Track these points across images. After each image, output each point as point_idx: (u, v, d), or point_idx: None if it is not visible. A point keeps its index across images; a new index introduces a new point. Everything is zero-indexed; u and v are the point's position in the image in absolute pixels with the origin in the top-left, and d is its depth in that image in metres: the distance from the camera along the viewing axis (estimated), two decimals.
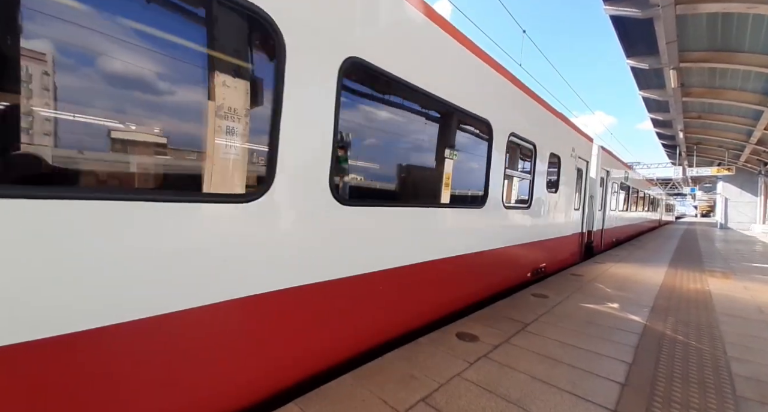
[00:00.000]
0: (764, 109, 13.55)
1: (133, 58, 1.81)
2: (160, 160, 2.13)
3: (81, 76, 1.74)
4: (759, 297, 5.59)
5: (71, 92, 1.73)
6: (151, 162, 2.11)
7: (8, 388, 1.37)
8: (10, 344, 1.35)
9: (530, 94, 5.26)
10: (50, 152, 1.71)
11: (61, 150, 1.78)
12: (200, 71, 1.99)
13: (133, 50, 1.81)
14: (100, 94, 1.80)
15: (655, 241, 15.09)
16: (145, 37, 1.83)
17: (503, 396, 2.45)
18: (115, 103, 1.88)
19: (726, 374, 2.93)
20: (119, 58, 1.78)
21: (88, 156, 1.89)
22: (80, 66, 1.74)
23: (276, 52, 2.07)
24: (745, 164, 25.62)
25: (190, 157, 2.19)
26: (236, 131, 1.99)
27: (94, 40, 1.69)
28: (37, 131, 1.71)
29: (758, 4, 8.07)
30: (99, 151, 1.90)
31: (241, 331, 2.09)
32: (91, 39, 1.68)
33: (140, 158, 2.03)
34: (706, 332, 3.89)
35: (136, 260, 1.63)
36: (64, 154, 1.83)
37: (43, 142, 1.71)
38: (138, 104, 1.97)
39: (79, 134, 1.81)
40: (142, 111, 1.99)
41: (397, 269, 3.10)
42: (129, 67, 1.82)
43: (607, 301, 4.98)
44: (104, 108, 1.83)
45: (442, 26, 3.30)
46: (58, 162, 1.77)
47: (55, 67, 1.61)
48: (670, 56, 10.52)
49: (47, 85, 1.62)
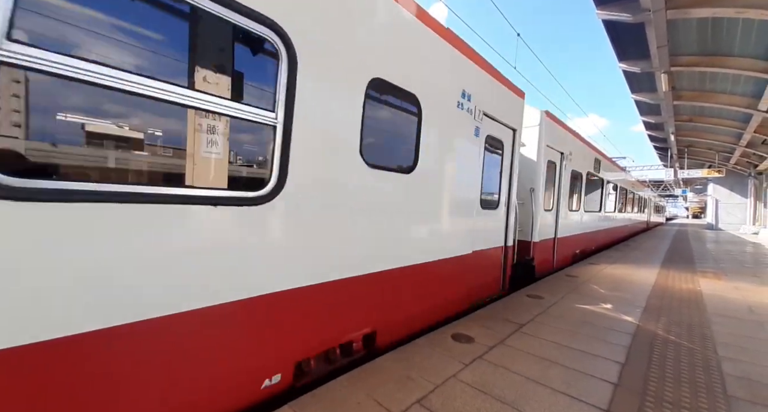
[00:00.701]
0: (753, 113, 13.77)
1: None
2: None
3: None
4: (749, 297, 5.67)
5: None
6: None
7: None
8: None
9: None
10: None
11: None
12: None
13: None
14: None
15: (649, 241, 15.26)
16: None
17: (498, 397, 2.46)
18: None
19: (717, 374, 2.97)
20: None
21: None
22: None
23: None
24: (735, 166, 26.01)
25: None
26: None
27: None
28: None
29: (747, 8, 8.21)
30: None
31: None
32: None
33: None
34: (698, 332, 3.94)
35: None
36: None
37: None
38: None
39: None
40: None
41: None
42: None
43: (601, 301, 5.03)
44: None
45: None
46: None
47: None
48: (661, 60, 10.67)
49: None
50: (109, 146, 2.42)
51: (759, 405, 2.52)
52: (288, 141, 2.19)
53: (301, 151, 2.28)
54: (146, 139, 2.57)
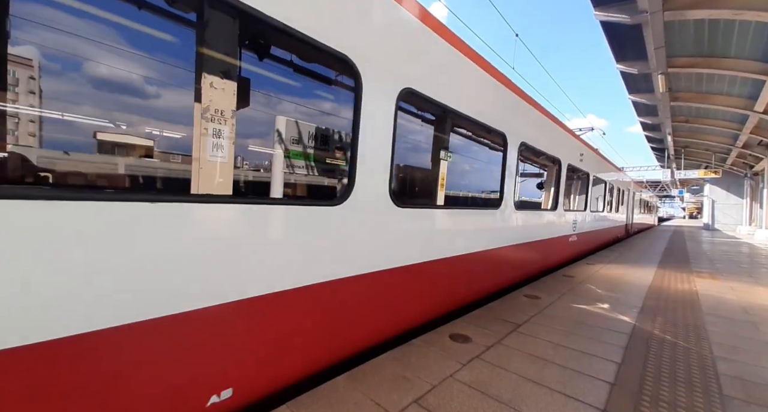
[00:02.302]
0: (750, 114, 13.86)
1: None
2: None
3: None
4: (745, 298, 5.70)
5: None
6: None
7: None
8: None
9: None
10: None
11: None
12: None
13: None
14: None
15: (645, 240, 15.32)
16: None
17: (495, 397, 2.47)
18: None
19: (712, 374, 2.99)
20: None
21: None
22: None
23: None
24: (732, 167, 26.17)
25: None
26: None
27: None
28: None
29: (744, 10, 8.26)
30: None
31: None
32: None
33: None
34: (694, 332, 3.96)
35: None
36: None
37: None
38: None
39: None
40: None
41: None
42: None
43: (598, 302, 5.05)
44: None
45: None
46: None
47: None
48: (659, 61, 10.71)
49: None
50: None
51: (753, 405, 2.54)
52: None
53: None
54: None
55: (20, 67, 1.56)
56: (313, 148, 2.77)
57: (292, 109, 2.95)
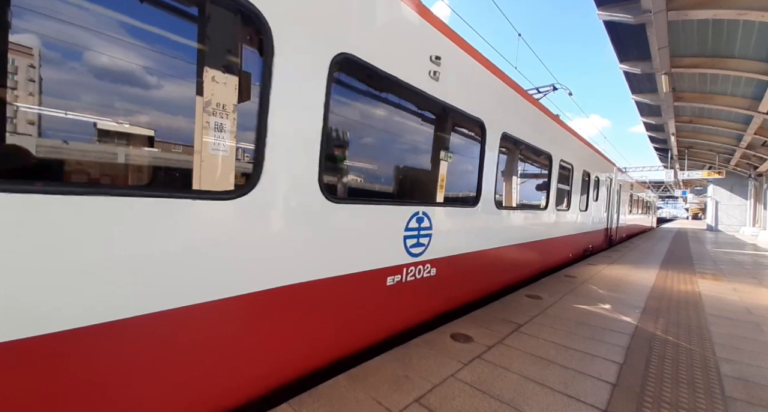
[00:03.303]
0: (754, 114, 13.77)
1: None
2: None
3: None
4: (748, 299, 5.68)
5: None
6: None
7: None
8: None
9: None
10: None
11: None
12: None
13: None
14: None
15: (648, 242, 15.25)
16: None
17: (496, 397, 2.47)
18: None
19: (715, 375, 2.98)
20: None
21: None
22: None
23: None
24: (735, 168, 26.01)
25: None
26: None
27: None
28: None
29: (748, 10, 8.22)
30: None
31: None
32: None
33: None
34: (696, 333, 3.94)
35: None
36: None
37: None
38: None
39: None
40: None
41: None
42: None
43: (600, 302, 5.03)
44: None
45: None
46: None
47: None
48: (662, 61, 10.66)
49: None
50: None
51: (756, 406, 2.53)
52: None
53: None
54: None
55: (21, 56, 1.61)
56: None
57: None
